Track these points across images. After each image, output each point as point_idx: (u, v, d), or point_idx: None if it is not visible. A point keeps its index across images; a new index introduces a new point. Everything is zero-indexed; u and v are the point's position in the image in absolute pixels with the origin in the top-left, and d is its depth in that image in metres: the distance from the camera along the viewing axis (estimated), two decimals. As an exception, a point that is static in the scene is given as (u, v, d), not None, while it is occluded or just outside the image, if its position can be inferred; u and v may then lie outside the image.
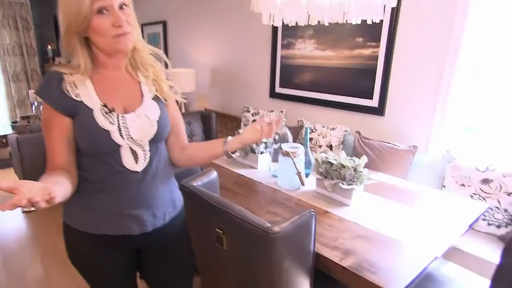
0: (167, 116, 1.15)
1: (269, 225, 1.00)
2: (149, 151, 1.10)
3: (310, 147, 2.61)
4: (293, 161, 1.61)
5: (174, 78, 1.26)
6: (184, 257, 1.31)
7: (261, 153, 1.95)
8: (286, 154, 1.62)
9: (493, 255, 1.65)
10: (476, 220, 1.46)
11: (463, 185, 1.91)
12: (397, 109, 2.38)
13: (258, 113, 3.21)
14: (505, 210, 1.76)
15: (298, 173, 1.63)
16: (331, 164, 1.55)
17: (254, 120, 3.20)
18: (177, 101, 1.25)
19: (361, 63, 2.51)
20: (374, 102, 2.47)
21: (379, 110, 2.45)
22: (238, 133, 1.45)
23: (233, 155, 1.25)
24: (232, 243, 1.14)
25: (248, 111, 3.30)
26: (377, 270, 1.06)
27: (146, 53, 1.11)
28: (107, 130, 1.01)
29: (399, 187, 1.73)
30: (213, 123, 2.84)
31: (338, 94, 2.69)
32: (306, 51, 2.87)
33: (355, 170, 1.49)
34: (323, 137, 2.60)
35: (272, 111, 3.15)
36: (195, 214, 1.30)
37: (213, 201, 1.16)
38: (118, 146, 1.04)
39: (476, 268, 1.64)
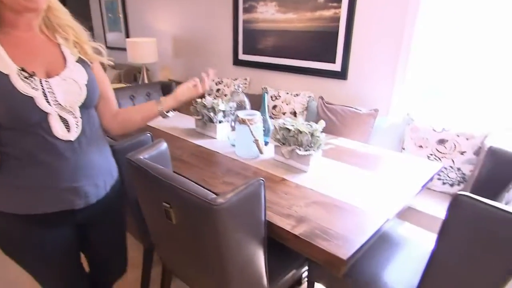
0: (95, 80, 1.02)
1: (213, 196, 0.92)
2: (81, 117, 0.99)
3: (274, 115, 2.53)
4: (250, 129, 1.52)
5: (134, 48, 1.12)
6: (121, 223, 1.29)
7: (219, 122, 1.84)
8: (243, 121, 1.53)
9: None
10: (430, 180, 1.45)
11: (421, 146, 1.91)
12: (359, 73, 2.31)
13: (222, 81, 3.06)
14: (458, 169, 1.78)
15: (256, 141, 1.55)
16: (289, 130, 1.47)
17: (218, 90, 3.05)
18: (103, 64, 1.10)
19: (323, 26, 2.39)
20: (337, 66, 2.39)
21: (342, 74, 2.37)
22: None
23: (168, 114, 1.22)
24: (180, 217, 1.06)
25: (212, 80, 3.13)
26: (329, 236, 1.02)
27: (63, 13, 0.96)
28: (30, 97, 0.88)
29: (359, 152, 1.70)
30: (173, 93, 2.68)
31: (301, 59, 2.58)
32: (268, 14, 2.70)
33: (312, 135, 1.43)
34: (287, 104, 2.52)
35: (235, 79, 3.01)
36: (143, 189, 1.21)
37: (158, 174, 1.06)
38: (46, 114, 0.91)
39: (430, 226, 1.67)
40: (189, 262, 1.22)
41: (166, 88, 2.61)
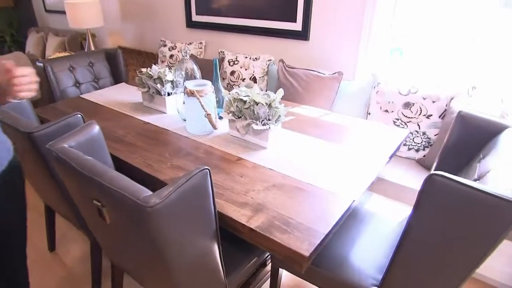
0: None
1: (146, 194, 0.72)
2: None
3: (232, 81, 2.29)
4: (200, 102, 1.29)
5: (75, 10, 0.79)
6: (19, 199, 1.12)
7: (168, 94, 1.59)
8: (191, 93, 1.30)
9: (413, 180, 1.59)
10: (397, 149, 1.33)
11: (386, 111, 1.78)
12: (322, 32, 2.09)
13: (176, 47, 2.72)
14: (424, 134, 1.68)
15: (207, 115, 1.33)
16: (244, 101, 1.26)
17: (171, 56, 2.73)
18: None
19: (281, -20, 2.11)
20: (298, 26, 2.15)
21: (304, 34, 2.14)
22: None
23: None
24: (114, 217, 0.86)
25: (165, 45, 2.79)
26: (290, 227, 0.87)
27: None
28: None
29: (322, 121, 1.53)
30: (120, 62, 2.33)
31: (260, 19, 2.30)
32: (221, -33, 2.36)
33: (269, 106, 1.23)
34: (245, 69, 2.27)
35: (190, 43, 2.69)
36: (70, 184, 0.98)
37: (83, 169, 0.84)
38: None
39: (398, 196, 1.59)
40: (133, 263, 1.04)
41: (111, 56, 2.26)
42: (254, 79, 2.25)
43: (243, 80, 2.28)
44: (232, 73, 2.33)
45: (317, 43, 2.13)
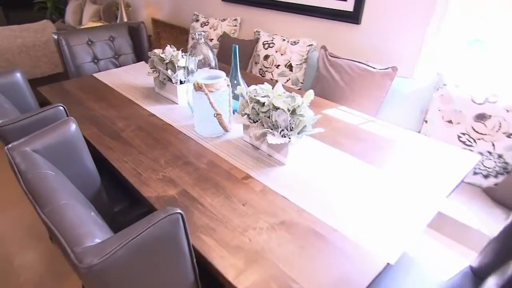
0: None
1: (87, 245, 0.53)
2: None
3: (265, 67, 2.04)
4: (208, 98, 1.07)
5: None
6: None
7: (180, 82, 1.39)
8: (199, 87, 1.08)
9: (474, 217, 1.26)
10: (459, 184, 1.02)
11: (450, 121, 1.43)
12: (377, 15, 1.74)
13: (208, 22, 2.50)
14: (499, 156, 1.32)
15: (217, 116, 1.11)
16: (262, 104, 1.02)
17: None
18: None
19: None
20: (348, 5, 1.81)
21: (355, 16, 1.80)
22: None
23: None
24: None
25: (197, 20, 2.58)
26: (291, 297, 0.64)
27: None
28: None
29: (363, 131, 1.24)
30: (143, 38, 2.17)
31: (305, -5, 1.99)
32: None
33: (293, 113, 0.98)
34: (281, 54, 2.00)
35: (224, 20, 2.45)
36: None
37: (29, 189, 0.67)
38: None
39: (452, 233, 1.27)
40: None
41: (134, 31, 2.10)
42: (290, 67, 1.97)
43: (277, 67, 2.01)
44: (266, 57, 2.06)
45: (370, 28, 1.79)
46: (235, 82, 1.24)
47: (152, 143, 1.14)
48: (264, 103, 1.01)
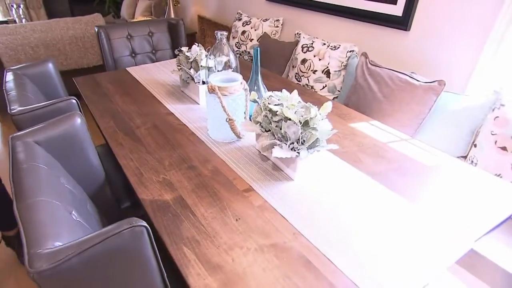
0: None
1: (38, 250, 0.53)
2: None
3: (302, 72, 1.97)
4: (220, 102, 1.04)
5: None
6: None
7: (203, 82, 1.38)
8: (212, 90, 1.05)
9: (522, 263, 1.08)
10: (501, 224, 0.87)
11: (504, 148, 1.25)
12: (429, 21, 1.59)
13: (250, 22, 2.48)
14: None
15: (229, 121, 1.08)
16: (274, 112, 0.96)
17: (243, 32, 2.50)
18: None
19: None
20: (397, 9, 1.68)
21: (403, 22, 1.66)
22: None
23: None
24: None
25: (240, 19, 2.58)
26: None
27: None
28: None
29: (392, 151, 1.13)
30: (181, 35, 2.21)
31: (350, -4, 1.88)
32: None
33: (305, 125, 0.91)
34: (319, 59, 1.91)
35: (266, 20, 2.41)
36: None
37: (14, 181, 0.69)
38: None
39: (485, 276, 1.11)
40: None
41: (173, 27, 2.15)
42: (327, 73, 1.88)
43: (314, 73, 1.93)
44: (303, 61, 1.99)
45: (420, 36, 1.64)
46: (255, 87, 1.20)
47: (163, 142, 1.14)
48: (276, 112, 0.95)
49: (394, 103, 1.47)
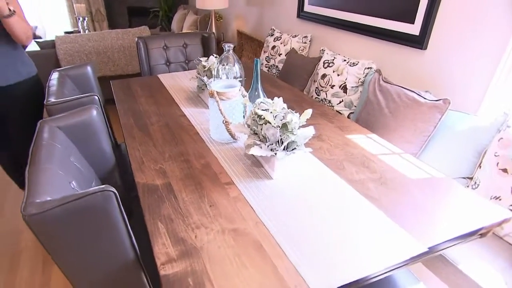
0: None
1: (40, 200, 0.70)
2: None
3: (321, 87, 2.07)
4: (218, 105, 1.19)
5: None
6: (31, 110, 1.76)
7: (214, 89, 1.54)
8: (211, 95, 1.21)
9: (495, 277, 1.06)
10: (459, 242, 0.90)
11: (505, 170, 1.24)
12: (447, 41, 1.61)
13: (280, 38, 2.64)
14: (561, 224, 1.08)
15: (225, 123, 1.22)
16: (260, 116, 1.09)
17: (273, 47, 2.66)
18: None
19: (406, -34, 1.72)
20: (415, 28, 1.72)
21: (420, 41, 1.70)
22: None
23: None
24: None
25: (272, 35, 2.75)
26: (198, 294, 0.69)
27: None
28: None
29: (380, 162, 1.18)
30: (212, 47, 2.42)
31: (372, 15, 1.96)
32: (343, -50, 2.10)
33: (284, 128, 1.02)
34: (338, 75, 2.00)
35: (295, 36, 2.55)
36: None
37: (32, 152, 0.89)
38: None
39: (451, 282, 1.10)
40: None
41: (206, 40, 2.37)
42: (344, 88, 1.96)
43: (331, 87, 2.02)
44: (323, 76, 2.09)
45: (436, 55, 1.66)
46: (256, 94, 1.33)
47: (169, 138, 1.31)
48: (261, 116, 1.08)
49: (398, 119, 1.51)
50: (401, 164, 1.17)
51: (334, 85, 2.01)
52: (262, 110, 1.09)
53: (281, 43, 2.61)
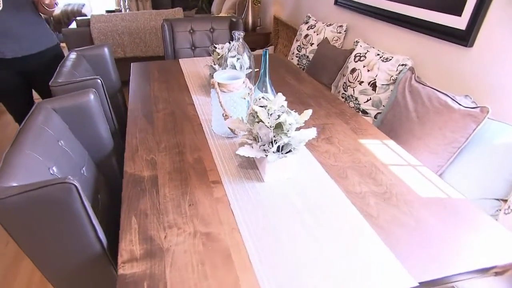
0: None
1: (5, 185, 0.71)
2: None
3: (350, 82, 1.95)
4: (218, 97, 1.15)
5: None
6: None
7: (226, 78, 1.49)
8: (213, 85, 1.16)
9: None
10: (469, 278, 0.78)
11: (543, 197, 1.07)
12: (496, 39, 1.42)
13: (315, 26, 2.51)
14: None
15: (225, 117, 1.17)
16: (256, 113, 1.03)
17: (306, 36, 2.54)
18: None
19: (456, -50, 1.52)
20: (462, 22, 1.54)
21: (466, 37, 1.52)
22: None
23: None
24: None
25: (307, 23, 2.63)
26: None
27: None
28: None
29: (390, 174, 1.08)
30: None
31: (415, 5, 1.78)
32: None
33: (278, 128, 0.95)
34: (368, 70, 1.86)
35: (330, 25, 2.41)
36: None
37: (18, 133, 0.91)
38: None
39: None
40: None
41: (234, 25, 2.32)
42: (373, 86, 1.82)
43: (360, 84, 1.89)
44: (353, 71, 1.96)
45: (483, 55, 1.47)
46: (264, 88, 1.27)
47: (170, 128, 1.30)
48: (257, 112, 1.02)
49: (425, 126, 1.37)
50: (414, 178, 1.06)
51: (363, 81, 1.87)
52: (260, 106, 1.03)
53: (314, 32, 2.49)
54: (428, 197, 0.98)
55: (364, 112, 1.89)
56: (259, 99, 1.07)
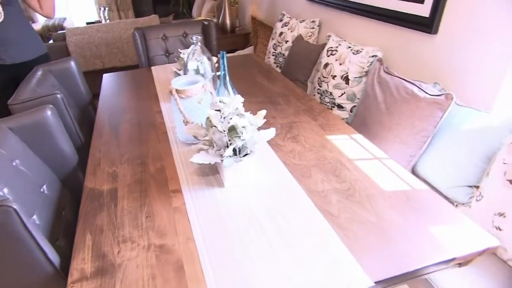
0: None
1: None
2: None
3: (323, 77, 1.92)
4: (177, 103, 1.12)
5: None
6: None
7: (192, 84, 1.47)
8: (171, 93, 1.14)
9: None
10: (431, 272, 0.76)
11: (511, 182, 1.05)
12: (459, 25, 1.40)
13: (288, 23, 2.49)
14: None
15: (185, 123, 1.15)
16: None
17: (281, 34, 2.52)
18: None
19: None
20: (425, 9, 1.51)
21: (430, 24, 1.49)
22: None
23: None
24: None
25: (281, 20, 2.60)
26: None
27: None
28: None
29: (355, 170, 1.05)
30: (212, 36, 2.32)
31: (381, -4, 1.76)
32: None
33: (233, 132, 0.93)
34: (340, 64, 1.83)
35: (302, 21, 2.39)
36: None
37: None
38: None
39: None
40: None
41: (206, 29, 2.29)
42: (346, 79, 1.80)
43: (333, 78, 1.86)
44: (326, 66, 1.93)
45: (447, 41, 1.45)
46: (226, 90, 1.25)
47: (135, 138, 1.27)
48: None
49: (394, 115, 1.35)
50: (379, 172, 1.04)
51: (335, 76, 1.85)
52: (216, 110, 1.01)
53: (288, 29, 2.46)
54: (392, 191, 0.96)
55: (340, 107, 1.86)
56: (216, 102, 1.05)
